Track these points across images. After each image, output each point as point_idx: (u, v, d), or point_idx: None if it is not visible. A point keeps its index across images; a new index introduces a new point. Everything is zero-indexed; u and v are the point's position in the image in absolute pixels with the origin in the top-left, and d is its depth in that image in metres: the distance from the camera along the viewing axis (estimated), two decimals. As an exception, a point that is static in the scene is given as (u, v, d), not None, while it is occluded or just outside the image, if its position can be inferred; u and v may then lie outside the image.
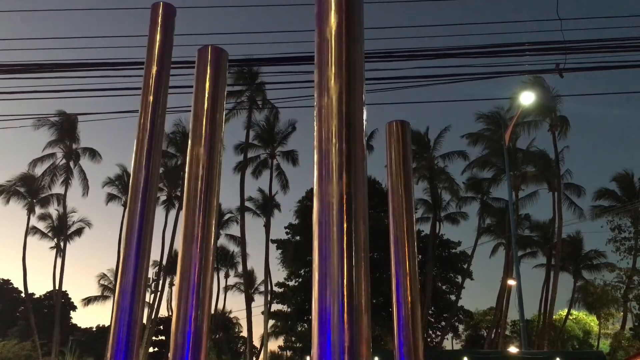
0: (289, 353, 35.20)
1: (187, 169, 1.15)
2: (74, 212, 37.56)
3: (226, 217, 39.37)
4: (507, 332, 37.62)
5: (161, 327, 40.26)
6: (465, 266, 34.84)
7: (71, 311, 49.89)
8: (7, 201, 35.19)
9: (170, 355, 0.99)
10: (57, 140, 35.43)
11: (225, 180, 36.79)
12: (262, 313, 33.17)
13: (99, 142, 55.00)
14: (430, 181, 34.36)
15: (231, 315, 44.62)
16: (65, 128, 34.83)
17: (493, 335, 33.30)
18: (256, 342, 35.95)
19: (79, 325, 51.19)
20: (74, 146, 36.12)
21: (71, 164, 35.95)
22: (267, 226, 34.53)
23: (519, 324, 25.21)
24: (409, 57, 10.13)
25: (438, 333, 34.47)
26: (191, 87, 1.23)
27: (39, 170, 35.95)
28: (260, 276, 40.65)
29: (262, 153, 35.22)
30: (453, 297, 34.67)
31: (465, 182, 34.88)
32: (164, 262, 34.31)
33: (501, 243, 34.23)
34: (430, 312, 32.92)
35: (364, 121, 0.81)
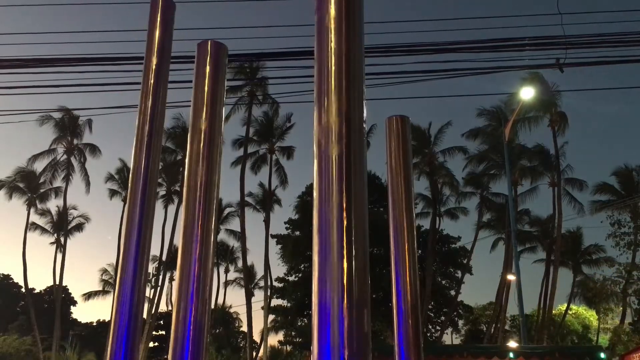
0: (289, 348, 35.27)
1: (187, 164, 1.15)
2: (75, 209, 37.53)
3: (226, 212, 39.41)
4: (507, 327, 37.70)
5: (161, 321, 40.37)
6: (464, 261, 34.91)
7: (71, 306, 50.01)
8: (10, 197, 35.17)
9: (170, 349, 1.00)
10: (59, 136, 35.40)
11: (225, 175, 36.78)
12: (262, 308, 33.23)
13: (99, 138, 54.96)
14: (430, 176, 34.36)
15: (231, 310, 44.71)
16: (68, 124, 34.82)
17: (492, 330, 33.38)
18: (256, 337, 36.02)
19: (79, 320, 51.34)
20: (76, 142, 36.10)
21: (72, 160, 35.94)
22: (267, 221, 34.58)
23: (518, 319, 25.24)
24: (408, 52, 10.11)
25: (438, 328, 34.56)
26: (191, 81, 1.23)
27: (38, 166, 35.94)
28: (260, 271, 40.75)
29: (261, 148, 35.23)
30: (453, 292, 34.75)
31: (464, 177, 34.90)
32: (164, 257, 34.35)
33: (501, 238, 34.28)
34: (430, 307, 32.99)
35: (364, 116, 0.81)
